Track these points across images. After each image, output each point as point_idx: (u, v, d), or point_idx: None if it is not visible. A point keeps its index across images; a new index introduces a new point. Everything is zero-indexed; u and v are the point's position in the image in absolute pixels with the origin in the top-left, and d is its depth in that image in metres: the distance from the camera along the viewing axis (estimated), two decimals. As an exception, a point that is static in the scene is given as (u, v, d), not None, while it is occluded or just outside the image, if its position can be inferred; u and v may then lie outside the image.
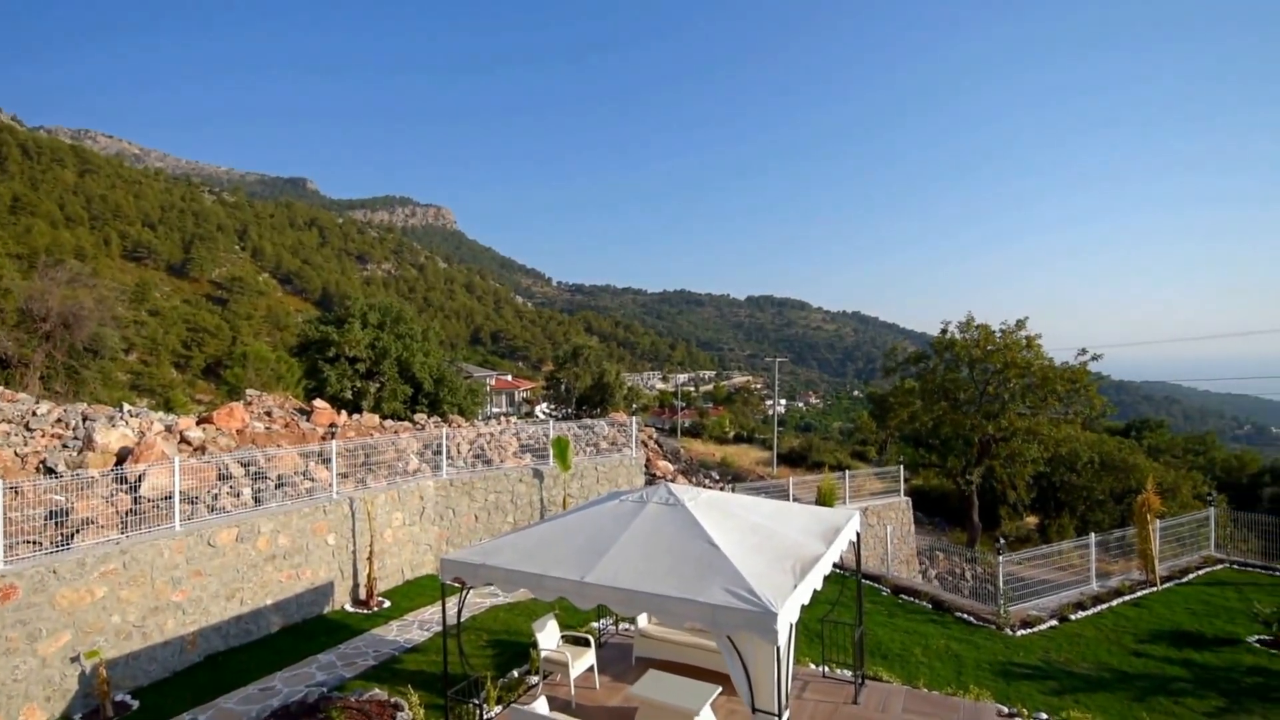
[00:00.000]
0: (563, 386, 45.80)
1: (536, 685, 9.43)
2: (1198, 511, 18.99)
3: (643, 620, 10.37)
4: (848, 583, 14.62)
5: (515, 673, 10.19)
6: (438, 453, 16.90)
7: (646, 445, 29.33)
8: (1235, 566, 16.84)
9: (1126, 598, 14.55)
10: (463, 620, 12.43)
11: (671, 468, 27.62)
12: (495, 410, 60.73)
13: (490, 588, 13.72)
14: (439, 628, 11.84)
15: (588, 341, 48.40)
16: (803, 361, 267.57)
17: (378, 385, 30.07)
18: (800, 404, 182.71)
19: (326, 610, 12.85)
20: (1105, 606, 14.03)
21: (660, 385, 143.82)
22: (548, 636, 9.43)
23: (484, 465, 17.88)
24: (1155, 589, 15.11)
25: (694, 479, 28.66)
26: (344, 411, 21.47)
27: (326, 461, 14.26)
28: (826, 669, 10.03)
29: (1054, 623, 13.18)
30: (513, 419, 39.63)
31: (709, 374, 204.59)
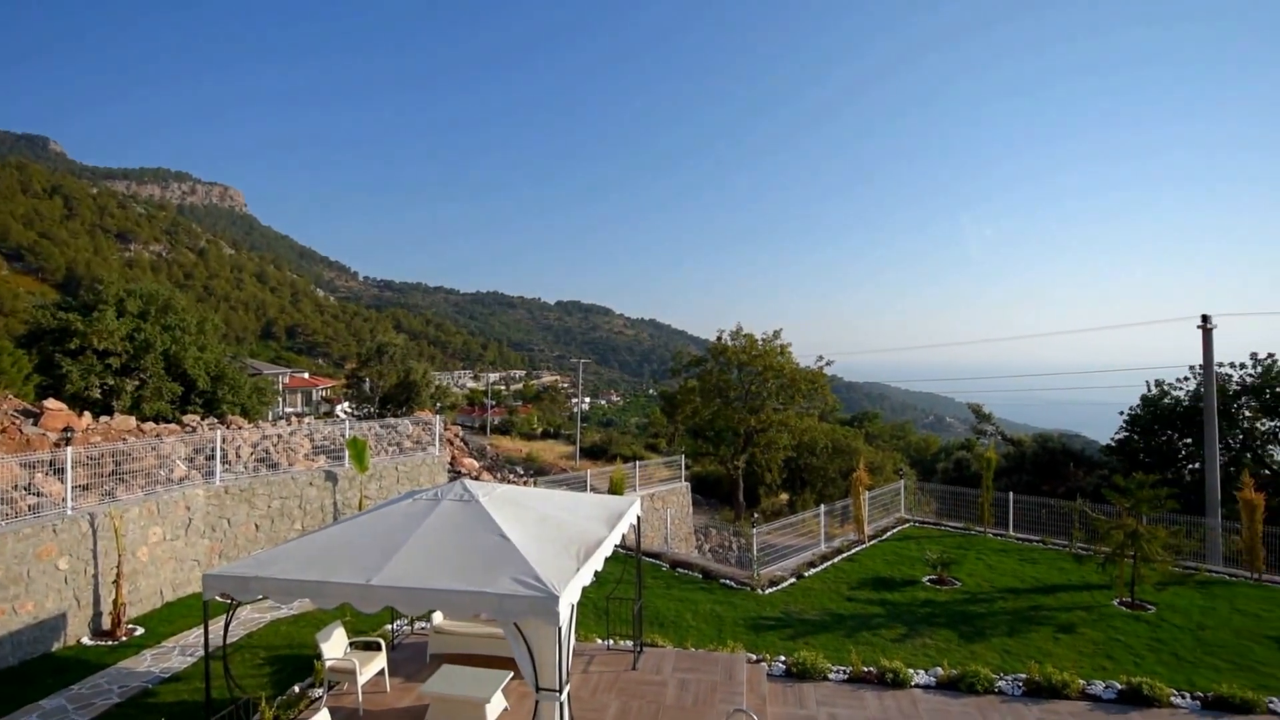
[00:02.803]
0: (366, 385, 41.99)
1: (321, 698, 8.53)
2: (894, 483, 23.13)
3: (437, 617, 9.90)
4: (630, 562, 15.36)
5: (296, 688, 9.12)
6: (211, 457, 14.52)
7: (452, 443, 28.08)
8: (918, 524, 20.79)
9: (845, 554, 17.20)
10: (238, 638, 10.84)
11: (477, 464, 26.76)
12: (289, 410, 53.57)
13: (271, 600, 12.13)
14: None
15: (394, 339, 44.77)
16: (606, 363, 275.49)
17: (137, 383, 24.91)
18: (603, 401, 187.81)
19: (56, 647, 10.37)
20: (830, 563, 16.44)
21: (472, 384, 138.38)
22: (334, 645, 8.58)
23: (269, 469, 15.74)
24: (865, 546, 18.08)
25: (499, 475, 28.08)
26: (88, 413, 17.51)
27: (60, 472, 11.50)
28: (611, 642, 10.43)
29: (793, 580, 15.12)
30: (308, 419, 35.44)
31: (520, 373, 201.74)
